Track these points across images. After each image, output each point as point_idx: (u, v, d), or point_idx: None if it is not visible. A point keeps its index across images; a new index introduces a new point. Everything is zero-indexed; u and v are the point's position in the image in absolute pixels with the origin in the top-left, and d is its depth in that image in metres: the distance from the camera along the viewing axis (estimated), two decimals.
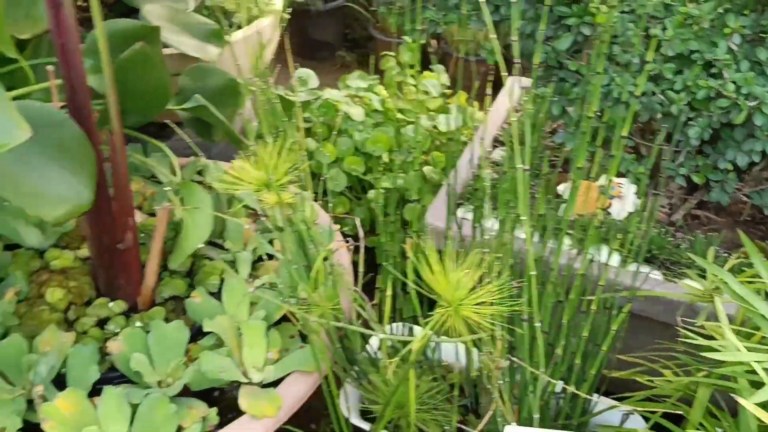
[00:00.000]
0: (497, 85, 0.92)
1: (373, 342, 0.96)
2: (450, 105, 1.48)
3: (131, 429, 0.82)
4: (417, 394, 0.73)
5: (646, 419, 0.80)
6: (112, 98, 0.79)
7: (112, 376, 0.90)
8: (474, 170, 1.09)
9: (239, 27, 1.27)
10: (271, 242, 1.10)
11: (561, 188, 1.06)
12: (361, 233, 0.98)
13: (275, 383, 0.90)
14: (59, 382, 0.88)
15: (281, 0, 1.36)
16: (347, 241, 0.95)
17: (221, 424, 0.85)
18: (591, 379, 0.71)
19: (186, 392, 0.88)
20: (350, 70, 1.50)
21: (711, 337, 0.63)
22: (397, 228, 0.89)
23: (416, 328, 0.92)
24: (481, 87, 0.81)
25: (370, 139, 1.22)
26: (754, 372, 0.57)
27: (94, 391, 0.85)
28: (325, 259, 0.83)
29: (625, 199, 1.03)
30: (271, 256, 1.10)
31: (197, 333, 0.95)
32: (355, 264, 1.00)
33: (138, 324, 0.95)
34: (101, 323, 0.96)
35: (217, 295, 1.00)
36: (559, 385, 0.73)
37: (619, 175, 1.04)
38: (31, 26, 1.04)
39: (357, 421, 0.88)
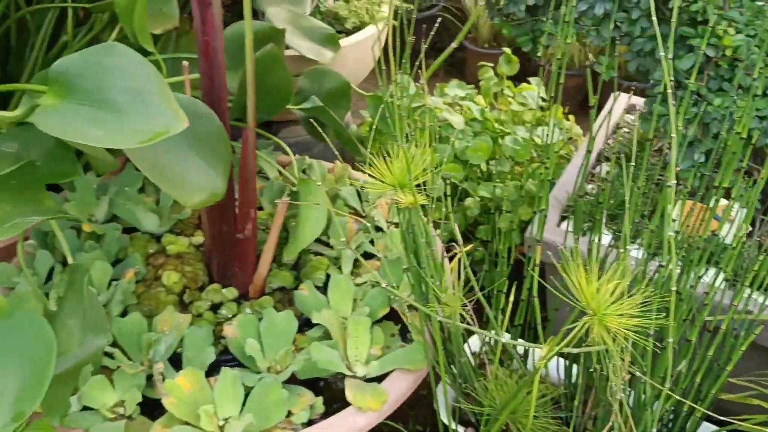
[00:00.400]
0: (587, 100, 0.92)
1: (473, 344, 0.98)
2: (546, 118, 1.48)
3: (243, 410, 0.86)
4: (527, 404, 0.74)
5: None
6: (251, 95, 0.83)
7: (224, 359, 0.94)
8: (578, 184, 1.10)
9: (349, 33, 1.31)
10: (371, 242, 1.13)
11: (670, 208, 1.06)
12: (460, 239, 1.00)
13: (377, 379, 0.92)
14: (174, 361, 0.93)
15: (389, 8, 1.40)
16: (450, 247, 0.97)
17: (326, 414, 0.89)
18: (709, 399, 0.71)
19: (292, 380, 0.91)
20: (438, 78, 1.53)
21: None
22: (510, 236, 0.91)
23: (506, 335, 0.93)
24: (578, 101, 0.82)
25: (471, 147, 1.24)
26: None
27: (207, 372, 0.90)
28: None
29: (735, 223, 1.02)
30: (370, 255, 1.13)
31: (303, 324, 0.99)
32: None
33: (248, 311, 0.99)
34: (214, 308, 1.01)
35: (321, 289, 1.03)
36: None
37: (729, 197, 1.03)
38: (162, 22, 1.10)
39: (446, 419, 0.90)
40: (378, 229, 1.17)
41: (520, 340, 0.76)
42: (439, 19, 1.07)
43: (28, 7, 1.16)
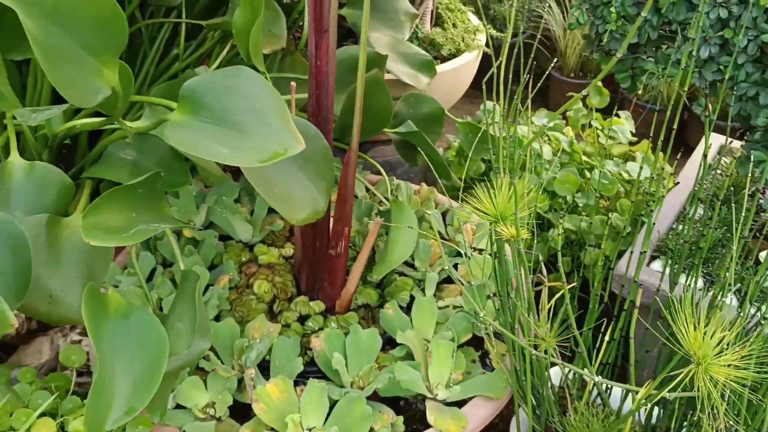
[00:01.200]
0: (680, 138, 0.91)
1: (553, 376, 0.98)
2: (635, 152, 1.47)
3: (327, 422, 0.89)
4: None
5: None
6: (357, 119, 0.87)
7: (309, 370, 0.97)
8: (670, 224, 1.09)
9: (444, 59, 1.34)
10: (455, 266, 1.15)
11: (764, 255, 1.04)
12: (544, 270, 1.00)
13: (457, 403, 0.94)
14: (262, 368, 0.97)
15: (485, 36, 1.42)
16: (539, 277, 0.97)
17: None
18: None
19: (373, 396, 0.94)
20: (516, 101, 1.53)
21: None
22: (599, 272, 0.91)
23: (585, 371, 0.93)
24: (667, 138, 0.82)
25: (559, 179, 1.24)
26: None
27: (294, 382, 0.93)
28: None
29: None
30: (452, 280, 1.14)
31: (385, 342, 1.01)
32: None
33: (334, 325, 1.03)
34: (301, 319, 1.04)
35: (405, 309, 1.05)
36: None
37: None
38: (271, 43, 1.15)
39: None
40: (460, 254, 1.18)
41: (614, 382, 0.77)
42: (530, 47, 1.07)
43: (144, 21, 1.24)
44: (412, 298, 1.07)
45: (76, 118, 0.94)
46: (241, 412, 0.92)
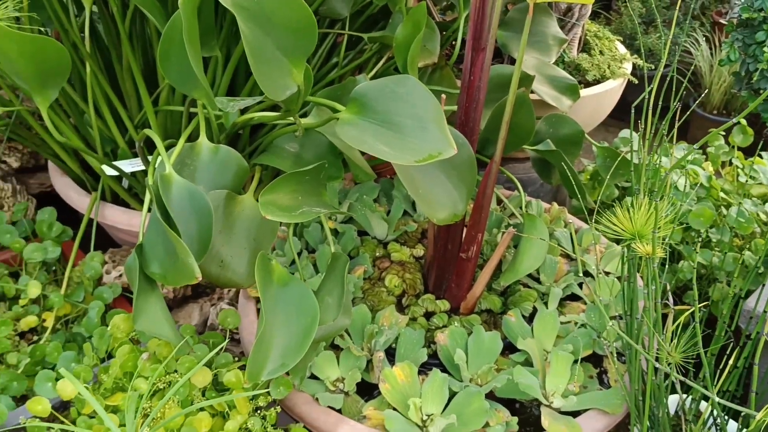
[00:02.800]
0: None
1: (671, 405, 0.99)
2: None
3: (445, 410, 0.95)
4: None
5: None
6: (503, 134, 0.93)
7: (431, 362, 1.04)
8: None
9: (588, 84, 1.38)
10: (580, 285, 1.18)
11: None
12: (671, 299, 1.01)
13: (571, 414, 0.97)
14: (388, 354, 1.04)
15: (630, 65, 1.45)
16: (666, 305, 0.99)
17: None
18: None
19: (490, 395, 0.99)
20: (655, 132, 1.53)
21: None
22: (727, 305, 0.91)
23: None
24: None
25: (694, 211, 1.24)
26: None
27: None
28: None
29: None
30: (575, 297, 1.17)
31: (505, 347, 1.06)
32: None
33: (457, 324, 1.09)
34: (427, 315, 1.11)
35: (527, 319, 1.10)
36: None
37: None
38: (425, 57, 1.24)
39: None
40: (587, 274, 1.21)
41: (733, 404, 0.77)
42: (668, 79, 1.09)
43: None
44: (535, 309, 1.11)
45: (251, 112, 1.06)
46: (367, 390, 1.00)
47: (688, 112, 1.03)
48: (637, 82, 1.29)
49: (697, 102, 2.03)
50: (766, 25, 1.15)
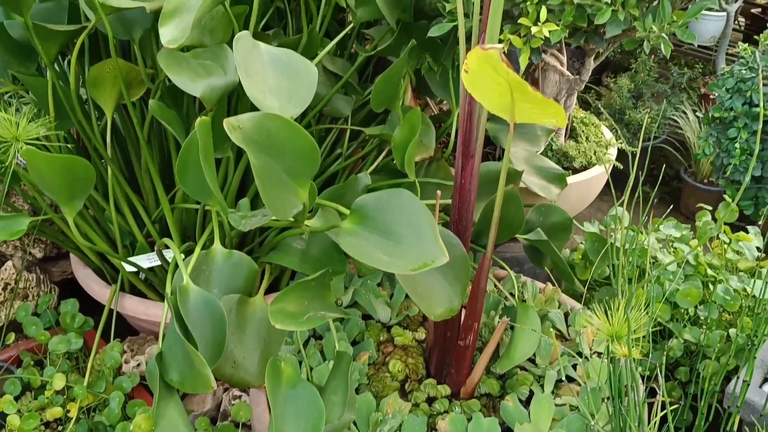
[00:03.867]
0: None
1: None
2: (762, 267, 1.50)
3: None
4: None
5: None
6: (493, 231, 1.00)
7: None
8: None
9: (576, 170, 1.46)
10: (574, 366, 1.23)
11: None
12: (660, 379, 1.07)
13: None
14: None
15: (616, 150, 1.53)
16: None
17: None
18: None
19: None
20: (646, 203, 1.60)
21: None
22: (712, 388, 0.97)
23: None
24: None
25: (682, 291, 1.31)
26: None
27: None
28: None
29: None
30: (571, 379, 1.23)
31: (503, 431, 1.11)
32: None
33: (458, 410, 1.14)
34: (429, 400, 1.17)
35: (524, 402, 1.15)
36: None
37: None
38: (421, 152, 1.33)
39: None
40: (581, 354, 1.27)
41: None
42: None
43: (316, 126, 1.46)
44: (531, 392, 1.17)
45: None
46: None
47: (675, 181, 1.11)
48: (621, 166, 1.37)
49: (685, 172, 2.11)
50: (737, 122, 1.23)
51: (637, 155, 1.01)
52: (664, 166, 2.24)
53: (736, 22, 2.74)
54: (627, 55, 2.54)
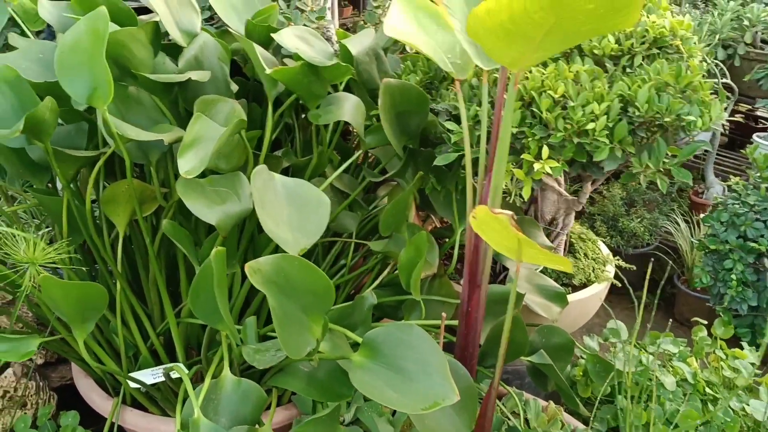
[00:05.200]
0: None
1: None
2: (759, 384, 1.51)
3: None
4: None
5: None
6: (500, 362, 1.02)
7: None
8: None
9: (575, 287, 1.49)
10: None
11: None
12: None
13: None
14: None
15: (613, 267, 1.57)
16: None
17: None
18: None
19: None
20: (646, 310, 1.62)
21: None
22: None
23: None
24: None
25: (683, 413, 1.32)
26: None
27: None
28: None
29: None
30: None
31: None
32: None
33: None
34: None
35: None
36: None
37: None
38: (426, 269, 1.36)
39: None
40: None
41: None
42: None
43: (322, 239, 1.49)
44: None
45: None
46: None
47: (668, 287, 1.13)
48: (619, 284, 1.41)
49: (678, 279, 2.15)
50: (732, 254, 1.28)
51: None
52: (663, 278, 2.28)
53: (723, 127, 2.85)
54: None
